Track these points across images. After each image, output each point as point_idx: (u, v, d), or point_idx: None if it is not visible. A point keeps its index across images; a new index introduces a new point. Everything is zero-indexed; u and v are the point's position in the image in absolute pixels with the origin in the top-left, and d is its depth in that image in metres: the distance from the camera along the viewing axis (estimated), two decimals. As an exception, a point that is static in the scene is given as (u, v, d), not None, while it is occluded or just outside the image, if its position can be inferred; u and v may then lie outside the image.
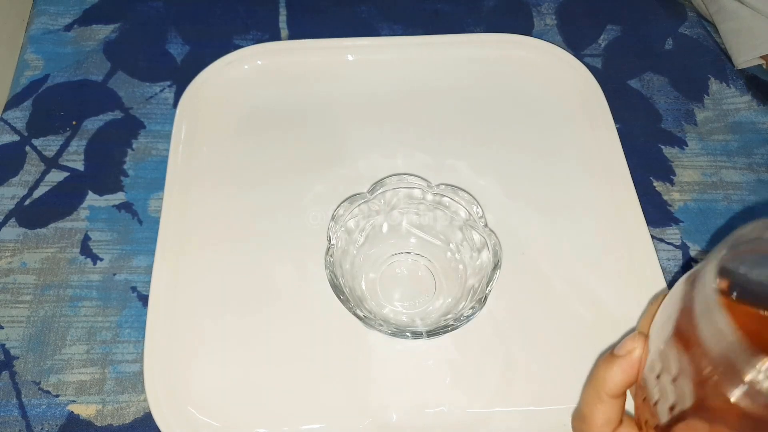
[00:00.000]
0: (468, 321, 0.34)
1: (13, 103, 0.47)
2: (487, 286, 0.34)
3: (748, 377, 0.20)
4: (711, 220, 0.44)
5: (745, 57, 0.50)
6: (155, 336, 0.37)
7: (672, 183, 0.45)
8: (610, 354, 0.28)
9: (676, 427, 0.24)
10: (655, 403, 0.26)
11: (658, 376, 0.25)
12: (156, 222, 0.41)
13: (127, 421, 0.36)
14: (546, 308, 0.39)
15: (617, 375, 0.27)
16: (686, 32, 0.53)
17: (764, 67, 0.51)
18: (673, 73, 0.51)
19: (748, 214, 0.44)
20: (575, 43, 0.52)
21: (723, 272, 0.23)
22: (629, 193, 0.42)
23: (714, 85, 0.50)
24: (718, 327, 0.20)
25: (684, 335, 0.23)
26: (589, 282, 0.40)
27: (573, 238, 0.41)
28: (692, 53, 0.52)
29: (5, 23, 0.50)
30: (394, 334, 0.33)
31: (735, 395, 0.20)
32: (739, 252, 0.23)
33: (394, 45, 0.49)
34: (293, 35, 0.51)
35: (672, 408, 0.24)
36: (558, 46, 0.50)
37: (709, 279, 0.21)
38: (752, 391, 0.20)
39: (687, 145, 0.47)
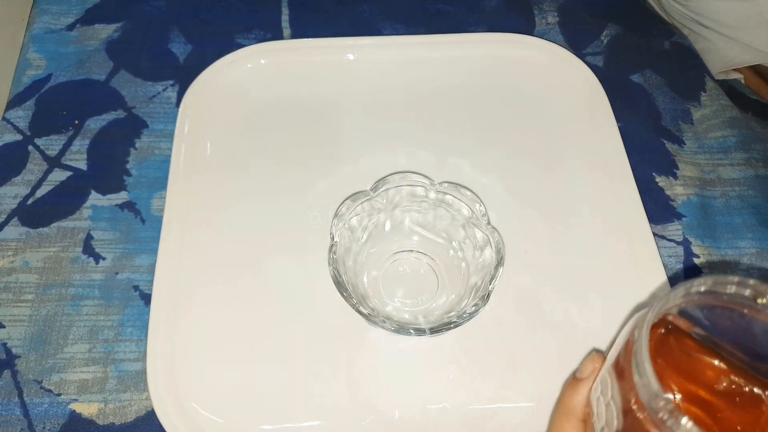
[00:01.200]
0: (471, 318, 0.34)
1: (15, 102, 0.47)
2: (490, 284, 0.34)
3: (661, 417, 0.22)
4: (711, 217, 0.44)
5: (718, 69, 0.53)
6: (158, 334, 0.37)
7: (675, 177, 0.45)
8: (574, 378, 0.30)
9: None
10: (593, 423, 0.27)
11: (598, 399, 0.27)
12: (159, 221, 0.41)
13: (129, 420, 0.36)
14: (548, 306, 0.39)
15: (583, 397, 0.28)
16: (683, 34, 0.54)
17: (742, 81, 0.53)
18: (671, 73, 0.51)
19: (747, 210, 0.44)
20: (577, 41, 0.52)
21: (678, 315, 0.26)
22: (631, 191, 0.42)
23: (710, 82, 0.50)
24: (644, 370, 0.22)
25: (620, 366, 0.25)
26: (592, 279, 0.39)
27: (575, 236, 0.41)
28: (692, 53, 0.52)
29: (7, 22, 0.50)
30: (397, 332, 0.33)
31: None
32: (690, 300, 0.25)
33: (395, 44, 0.49)
34: (295, 34, 0.51)
35: (602, 430, 0.26)
36: (560, 44, 0.50)
37: (646, 326, 0.23)
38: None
39: (684, 144, 0.47)
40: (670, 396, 0.24)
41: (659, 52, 0.52)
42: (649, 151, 0.46)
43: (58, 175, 0.44)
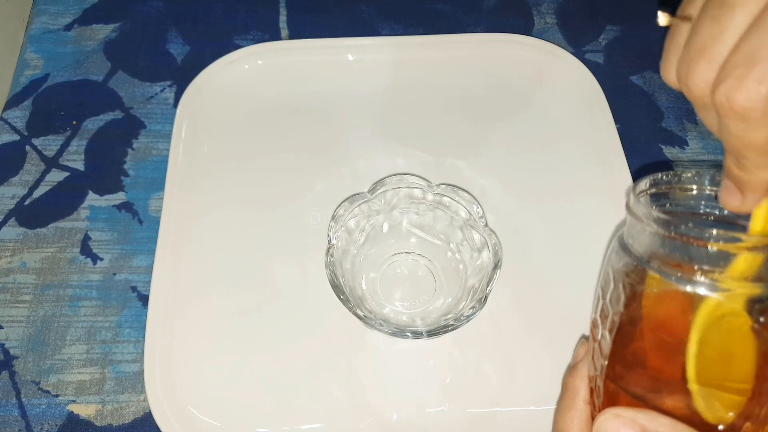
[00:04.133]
0: (468, 321, 0.34)
1: (13, 102, 0.47)
2: (488, 286, 0.34)
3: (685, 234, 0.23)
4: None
5: None
6: (156, 335, 0.37)
7: None
8: (571, 367, 0.31)
9: (605, 383, 0.26)
10: (595, 378, 0.27)
11: (592, 355, 0.27)
12: (156, 222, 0.41)
13: (126, 421, 0.36)
14: (546, 308, 0.39)
15: (583, 379, 0.28)
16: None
17: None
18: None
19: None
20: (576, 40, 0.52)
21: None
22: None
23: None
24: (648, 214, 0.24)
25: (606, 281, 0.27)
26: (589, 282, 0.39)
27: (573, 238, 0.41)
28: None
29: (5, 22, 0.50)
30: (394, 334, 0.33)
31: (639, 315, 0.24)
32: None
33: (394, 45, 0.49)
34: (293, 35, 0.51)
35: (602, 367, 0.26)
36: (559, 43, 0.50)
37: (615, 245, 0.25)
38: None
39: (687, 145, 0.47)
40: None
41: (659, 52, 0.52)
42: (648, 152, 0.46)
43: (56, 176, 0.44)
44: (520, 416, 0.36)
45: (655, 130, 0.48)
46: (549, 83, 0.48)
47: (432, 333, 0.33)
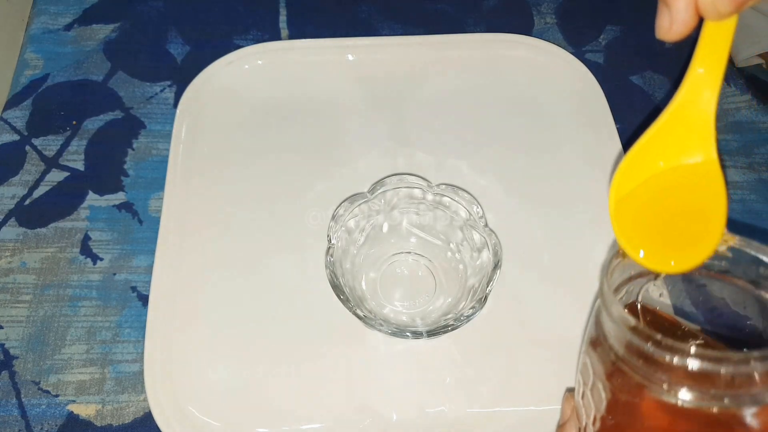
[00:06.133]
0: (468, 321, 0.34)
1: (13, 102, 0.47)
2: (488, 286, 0.34)
3: (644, 348, 0.22)
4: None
5: (744, 55, 0.50)
6: (155, 336, 0.37)
7: None
8: (560, 427, 0.30)
9: None
10: (585, 428, 0.27)
11: (582, 395, 0.27)
12: (156, 222, 0.41)
13: (126, 421, 0.36)
14: (546, 308, 0.39)
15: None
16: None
17: (764, 66, 0.51)
18: (674, 72, 0.51)
19: (748, 214, 0.44)
20: (576, 40, 0.52)
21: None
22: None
23: None
24: (615, 313, 0.23)
25: (593, 338, 0.25)
26: (590, 282, 0.39)
27: (573, 238, 0.41)
28: (692, 52, 0.52)
29: (5, 22, 0.50)
30: (394, 334, 0.33)
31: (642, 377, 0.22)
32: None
33: (394, 45, 0.49)
34: (293, 35, 0.51)
35: (594, 420, 0.25)
36: (559, 43, 0.50)
37: (605, 282, 0.24)
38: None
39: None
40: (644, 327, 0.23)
41: (660, 52, 0.52)
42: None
43: (56, 176, 0.44)
44: (520, 416, 0.36)
45: (655, 130, 0.47)
46: (549, 83, 0.48)
47: (432, 333, 0.33)
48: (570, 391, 0.33)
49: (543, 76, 0.48)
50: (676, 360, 0.21)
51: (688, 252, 0.23)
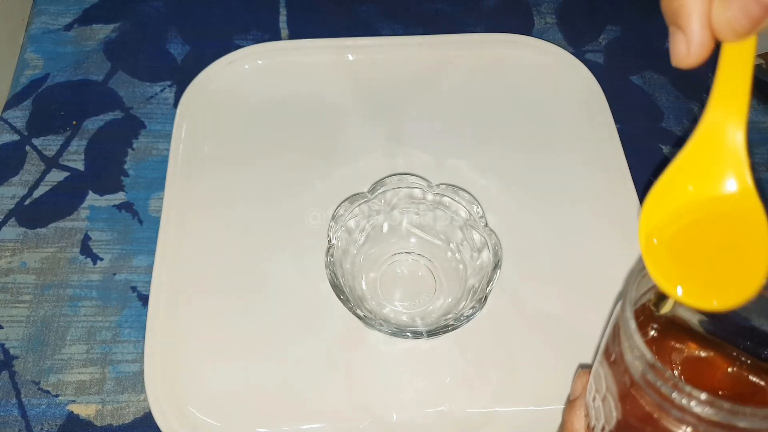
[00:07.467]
0: (468, 321, 0.34)
1: (13, 102, 0.47)
2: (488, 286, 0.34)
3: (660, 387, 0.21)
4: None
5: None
6: (155, 335, 0.37)
7: None
8: (569, 402, 0.30)
9: None
10: (593, 428, 0.26)
11: (593, 398, 0.26)
12: (156, 222, 0.41)
13: (126, 421, 0.36)
14: (546, 308, 0.39)
15: (581, 417, 0.28)
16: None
17: (764, 66, 0.51)
18: (673, 72, 0.51)
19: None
20: (576, 40, 0.52)
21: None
22: (630, 193, 0.42)
23: None
24: (635, 344, 0.22)
25: (610, 351, 0.24)
26: (591, 282, 0.39)
27: (573, 238, 0.41)
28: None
29: (5, 23, 0.50)
30: (394, 334, 0.33)
31: (653, 407, 0.22)
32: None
33: (394, 45, 0.49)
34: (293, 35, 0.51)
35: (603, 429, 0.25)
36: (559, 43, 0.50)
37: (628, 307, 0.23)
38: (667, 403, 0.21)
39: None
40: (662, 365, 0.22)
41: (660, 52, 0.52)
42: (648, 152, 0.46)
43: (56, 176, 0.44)
44: (520, 416, 0.36)
45: (655, 130, 0.48)
46: (549, 83, 0.48)
47: (432, 333, 0.33)
48: (583, 367, 0.33)
49: (543, 76, 0.48)
50: (693, 405, 0.20)
51: (731, 288, 0.21)
